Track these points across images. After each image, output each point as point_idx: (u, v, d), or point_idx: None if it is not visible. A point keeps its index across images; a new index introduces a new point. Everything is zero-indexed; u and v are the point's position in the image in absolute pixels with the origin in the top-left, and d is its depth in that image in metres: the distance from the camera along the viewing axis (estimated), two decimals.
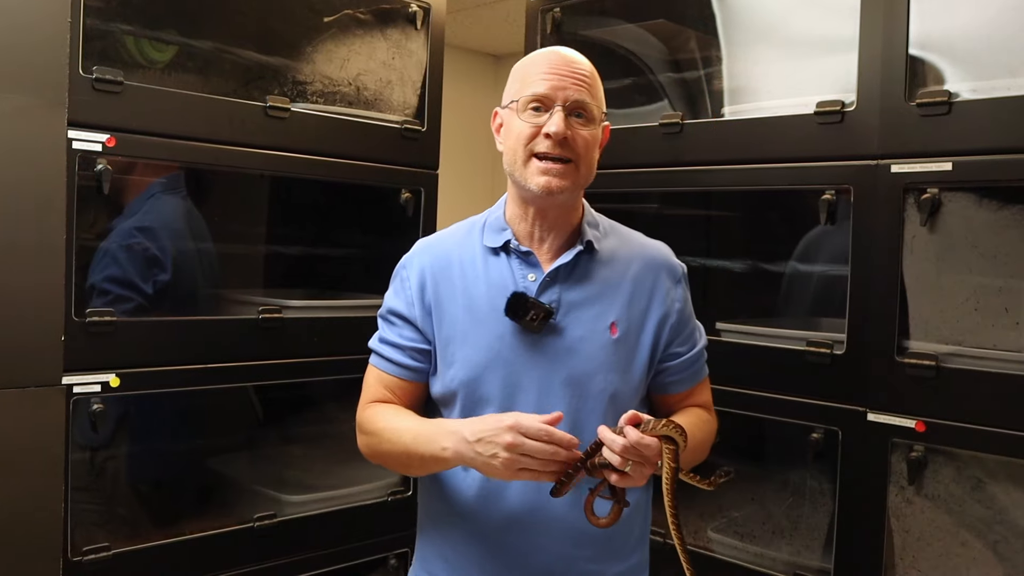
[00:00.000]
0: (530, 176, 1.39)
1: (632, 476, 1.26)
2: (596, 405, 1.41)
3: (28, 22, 1.65)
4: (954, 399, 1.65)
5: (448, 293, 1.46)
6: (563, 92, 1.38)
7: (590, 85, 1.42)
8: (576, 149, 1.39)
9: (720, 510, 2.17)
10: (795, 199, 2.13)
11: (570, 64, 1.41)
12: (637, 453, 1.24)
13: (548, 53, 1.44)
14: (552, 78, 1.39)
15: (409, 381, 1.48)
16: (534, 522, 1.40)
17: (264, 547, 2.07)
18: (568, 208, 1.47)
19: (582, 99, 1.39)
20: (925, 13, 1.71)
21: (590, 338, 1.42)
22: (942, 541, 1.72)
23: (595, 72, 1.45)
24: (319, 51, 2.28)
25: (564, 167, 1.39)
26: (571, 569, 1.42)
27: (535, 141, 1.39)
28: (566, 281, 1.44)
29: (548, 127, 1.37)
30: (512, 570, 1.42)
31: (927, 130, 1.68)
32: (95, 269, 1.97)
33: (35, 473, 1.68)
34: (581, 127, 1.40)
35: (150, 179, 2.11)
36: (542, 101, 1.39)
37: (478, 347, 1.42)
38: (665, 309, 1.48)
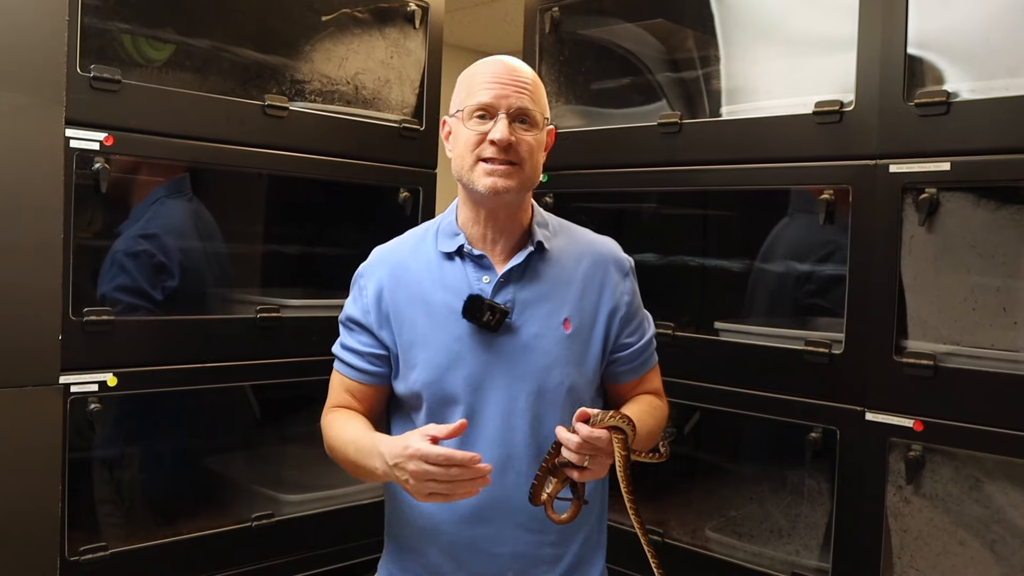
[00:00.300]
0: (477, 178, 1.47)
1: (592, 469, 1.37)
2: (555, 398, 1.50)
3: (26, 21, 1.64)
4: (952, 399, 1.65)
5: (406, 299, 1.53)
6: (506, 100, 1.46)
7: (532, 92, 1.49)
8: (520, 153, 1.47)
9: (718, 509, 2.17)
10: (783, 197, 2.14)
11: (512, 73, 1.49)
12: (591, 447, 1.34)
13: (491, 63, 1.52)
14: (495, 87, 1.46)
15: (368, 385, 1.57)
16: (500, 513, 1.48)
17: (262, 546, 2.06)
18: (516, 209, 1.54)
19: (524, 106, 1.47)
20: (924, 13, 1.71)
21: (545, 334, 1.50)
22: (940, 540, 1.72)
23: (538, 80, 1.53)
24: (317, 50, 2.27)
25: (509, 168, 1.46)
26: (536, 553, 1.52)
27: (481, 147, 1.47)
28: (519, 281, 1.52)
29: (493, 134, 1.45)
30: (481, 558, 1.50)
31: (925, 130, 1.68)
32: (104, 278, 1.98)
33: (32, 472, 1.68)
34: (524, 132, 1.48)
35: (156, 182, 2.11)
36: (486, 109, 1.47)
37: (438, 349, 1.49)
38: (615, 302, 1.57)
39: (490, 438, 1.48)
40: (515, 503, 1.47)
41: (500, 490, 1.46)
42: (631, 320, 1.60)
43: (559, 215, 2.32)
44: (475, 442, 1.47)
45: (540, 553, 1.52)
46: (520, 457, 1.48)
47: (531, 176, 1.50)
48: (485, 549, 1.50)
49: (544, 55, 2.43)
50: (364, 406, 1.58)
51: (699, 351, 2.06)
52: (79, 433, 1.83)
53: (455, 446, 1.43)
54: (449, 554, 1.51)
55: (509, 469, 1.48)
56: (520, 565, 1.51)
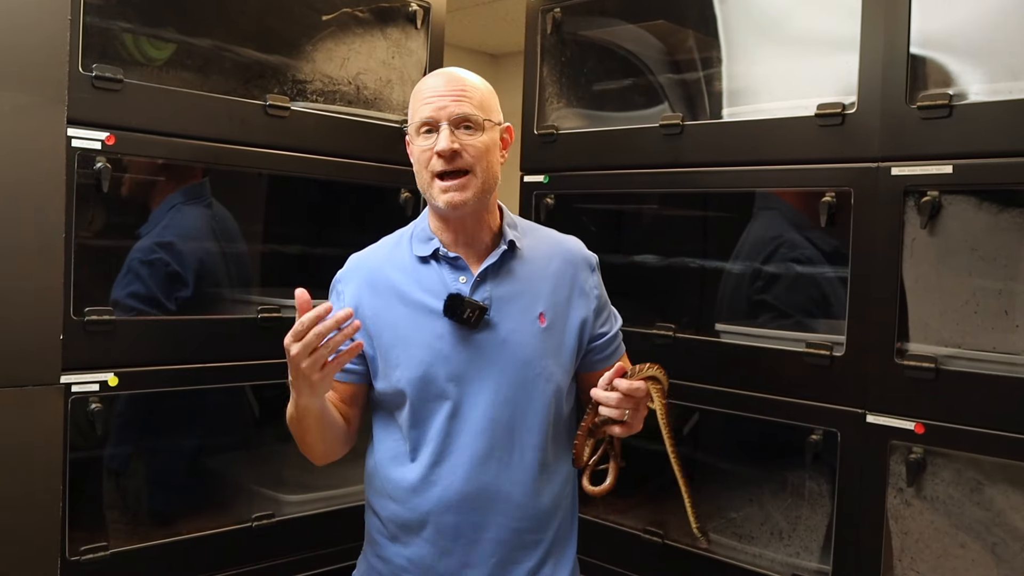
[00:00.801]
0: (436, 195, 1.54)
1: (630, 423, 1.48)
2: (534, 389, 1.57)
3: (28, 20, 1.64)
4: (953, 401, 1.65)
5: (385, 302, 1.59)
6: (445, 111, 1.52)
7: (470, 97, 1.55)
8: (467, 159, 1.53)
9: (719, 511, 2.17)
10: None
11: (449, 82, 1.55)
12: (631, 400, 1.45)
13: (431, 77, 1.59)
14: (433, 100, 1.53)
15: (348, 383, 1.63)
16: (485, 500, 1.55)
17: (262, 547, 2.06)
18: (482, 214, 1.61)
19: (464, 112, 1.53)
20: (927, 15, 1.71)
21: (522, 329, 1.58)
22: (941, 543, 1.72)
23: (479, 84, 1.59)
24: (319, 50, 2.27)
25: (462, 180, 1.53)
26: (520, 540, 1.58)
27: (432, 162, 1.53)
28: (495, 279, 1.59)
29: (437, 145, 1.52)
30: (466, 545, 1.56)
31: (928, 133, 1.68)
32: (119, 284, 1.99)
33: (33, 472, 1.68)
34: (469, 137, 1.53)
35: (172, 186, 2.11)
36: (429, 124, 1.54)
37: (420, 347, 1.55)
38: (586, 295, 1.66)
39: (474, 430, 1.55)
40: (500, 491, 1.55)
41: (485, 478, 1.55)
42: (601, 312, 1.70)
43: (560, 216, 2.35)
44: (460, 434, 1.55)
45: (523, 539, 1.58)
46: (503, 447, 1.56)
47: (486, 180, 1.56)
48: (469, 536, 1.56)
49: (545, 56, 2.42)
50: (345, 404, 1.64)
51: (700, 352, 2.06)
52: (80, 433, 1.83)
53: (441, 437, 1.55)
54: (434, 543, 1.56)
55: (492, 459, 1.55)
56: (503, 551, 1.57)
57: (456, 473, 1.55)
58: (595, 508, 2.27)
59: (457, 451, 1.55)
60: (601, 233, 2.58)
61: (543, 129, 2.37)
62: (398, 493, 1.59)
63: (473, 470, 1.54)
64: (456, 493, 1.54)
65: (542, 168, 2.37)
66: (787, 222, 2.11)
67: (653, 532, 2.11)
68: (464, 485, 1.54)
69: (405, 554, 1.59)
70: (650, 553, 2.10)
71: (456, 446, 1.55)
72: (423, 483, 1.56)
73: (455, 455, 1.55)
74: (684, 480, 1.59)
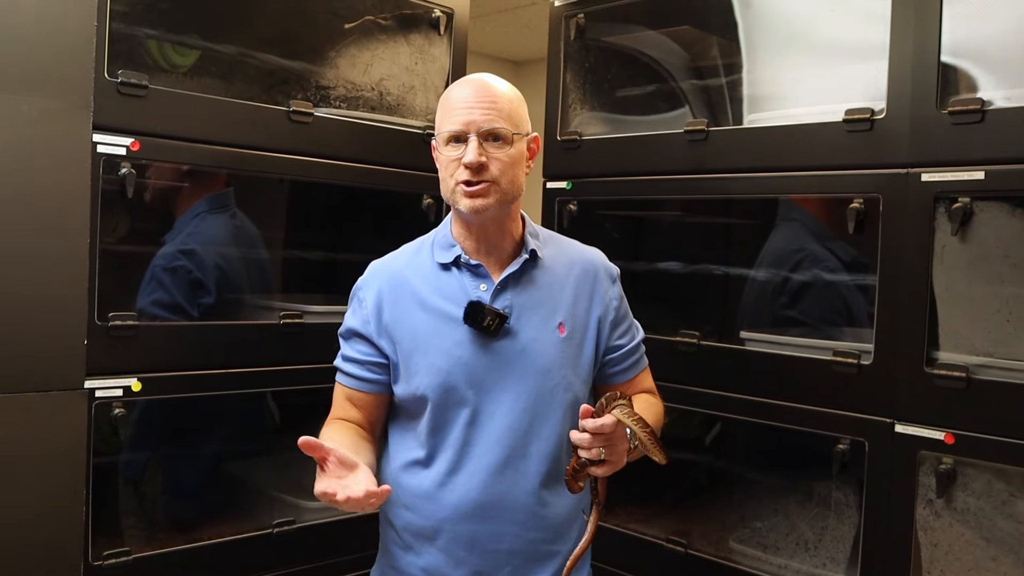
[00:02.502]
0: (459, 200, 1.55)
1: (612, 461, 1.42)
2: (552, 398, 1.57)
3: (55, 27, 1.65)
4: (985, 411, 1.63)
5: (406, 308, 1.59)
6: (474, 124, 1.52)
7: (500, 109, 1.54)
8: (493, 172, 1.53)
9: (742, 520, 2.14)
10: None
11: (479, 93, 1.55)
12: (602, 438, 1.39)
13: (461, 86, 1.58)
14: (463, 112, 1.53)
15: (369, 393, 1.63)
16: (500, 510, 1.54)
17: (283, 553, 2.06)
18: (505, 221, 1.61)
19: (493, 127, 1.53)
20: (957, 20, 1.69)
21: (541, 338, 1.58)
22: (971, 556, 1.69)
23: (509, 95, 1.58)
24: (342, 56, 2.28)
25: (486, 186, 1.53)
26: (535, 551, 1.57)
27: (458, 172, 1.54)
28: (515, 288, 1.59)
29: (464, 157, 1.52)
30: (480, 555, 1.55)
31: (959, 138, 1.66)
32: (143, 292, 2.00)
33: (57, 477, 1.68)
34: (496, 150, 1.54)
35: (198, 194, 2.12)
36: (457, 135, 1.54)
37: (440, 354, 1.55)
38: (604, 306, 1.66)
39: (492, 438, 1.55)
40: (515, 501, 1.55)
41: (501, 487, 1.54)
42: (620, 323, 1.68)
43: (583, 223, 2.33)
44: (477, 442, 1.55)
45: (537, 550, 1.57)
46: (520, 456, 1.55)
47: (509, 190, 1.56)
48: (484, 546, 1.55)
49: (569, 62, 2.42)
50: (364, 414, 1.64)
51: (724, 360, 2.04)
52: (103, 438, 1.83)
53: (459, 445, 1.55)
54: (448, 552, 1.56)
55: (509, 468, 1.55)
56: (518, 562, 1.56)
57: (472, 482, 1.54)
58: (617, 516, 2.26)
59: (474, 459, 1.55)
60: (624, 240, 2.57)
61: (566, 135, 2.36)
62: (413, 501, 1.58)
63: (489, 479, 1.54)
64: (472, 502, 1.54)
65: (565, 174, 2.36)
66: (809, 233, 2.09)
67: (676, 541, 2.08)
68: (480, 494, 1.53)
69: (419, 564, 1.58)
70: (673, 563, 2.08)
71: (473, 454, 1.55)
72: (439, 491, 1.55)
73: (472, 463, 1.55)
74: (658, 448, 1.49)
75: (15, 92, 1.60)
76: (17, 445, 1.63)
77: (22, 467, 1.63)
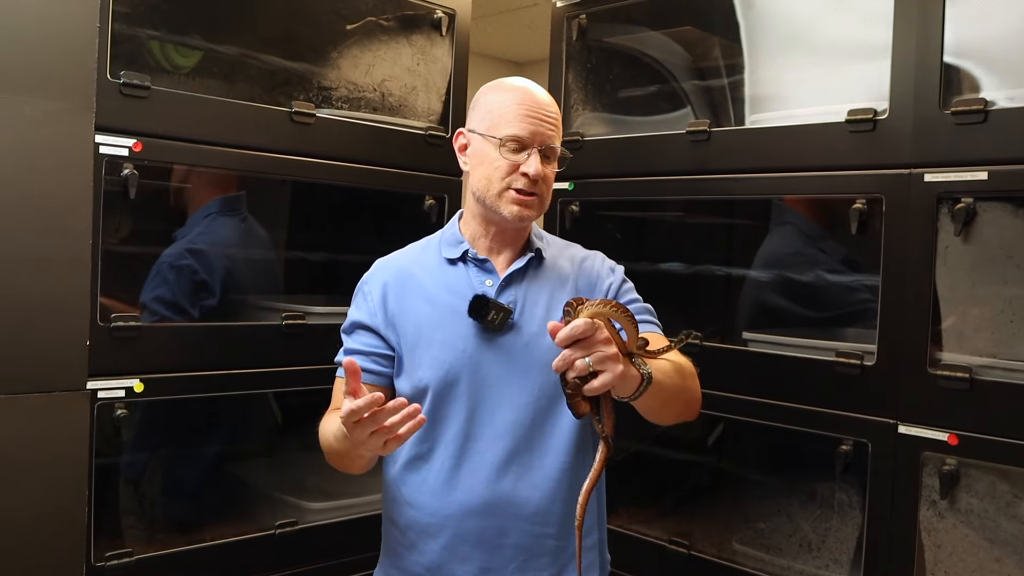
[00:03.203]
0: (504, 205, 1.56)
1: (605, 370, 1.29)
2: (556, 393, 1.53)
3: (57, 28, 1.65)
4: (988, 412, 1.62)
5: (411, 302, 1.61)
6: (539, 136, 1.56)
7: (557, 127, 1.60)
8: (544, 185, 1.58)
9: (746, 522, 2.14)
10: None
11: (544, 108, 1.58)
12: (581, 345, 1.28)
13: (524, 92, 1.59)
14: (531, 122, 1.55)
15: (373, 385, 1.59)
16: (505, 506, 1.54)
17: (286, 554, 2.06)
18: (525, 227, 1.65)
19: (553, 144, 1.58)
20: (960, 20, 1.68)
21: (544, 333, 1.50)
22: (975, 557, 1.68)
23: (560, 114, 1.63)
24: (344, 57, 2.28)
25: (534, 199, 1.57)
26: (541, 546, 1.56)
27: (512, 178, 1.55)
28: (520, 283, 1.61)
29: (527, 168, 1.54)
30: (486, 551, 1.55)
31: (962, 139, 1.65)
32: (147, 287, 2.00)
33: (59, 477, 1.68)
34: (547, 166, 1.58)
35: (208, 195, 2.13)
36: (520, 142, 1.55)
37: (444, 347, 1.56)
38: (604, 289, 1.66)
39: (495, 433, 1.55)
40: (521, 496, 1.54)
41: (507, 483, 1.54)
42: (621, 297, 1.67)
43: (586, 224, 2.33)
44: (480, 437, 1.55)
45: (543, 545, 1.56)
46: (525, 451, 1.55)
47: (547, 205, 1.63)
48: (490, 542, 1.55)
49: (571, 62, 2.41)
50: None
51: (726, 361, 2.03)
52: (105, 439, 1.83)
53: (462, 440, 1.55)
54: (452, 549, 1.55)
55: (514, 463, 1.55)
56: (524, 557, 1.56)
57: (477, 477, 1.54)
58: (619, 518, 2.26)
59: (477, 455, 1.55)
60: (626, 240, 2.56)
61: (568, 136, 2.36)
62: (417, 498, 1.58)
63: (494, 474, 1.54)
64: (478, 498, 1.53)
65: (567, 175, 2.35)
66: (803, 236, 2.09)
67: (679, 543, 2.08)
68: (486, 489, 1.53)
69: (423, 562, 1.58)
70: (675, 564, 2.08)
71: (476, 449, 1.55)
72: (444, 487, 1.55)
73: (475, 458, 1.55)
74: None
75: (17, 93, 1.60)
76: (19, 446, 1.63)
77: (24, 468, 1.63)
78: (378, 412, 1.27)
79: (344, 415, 1.27)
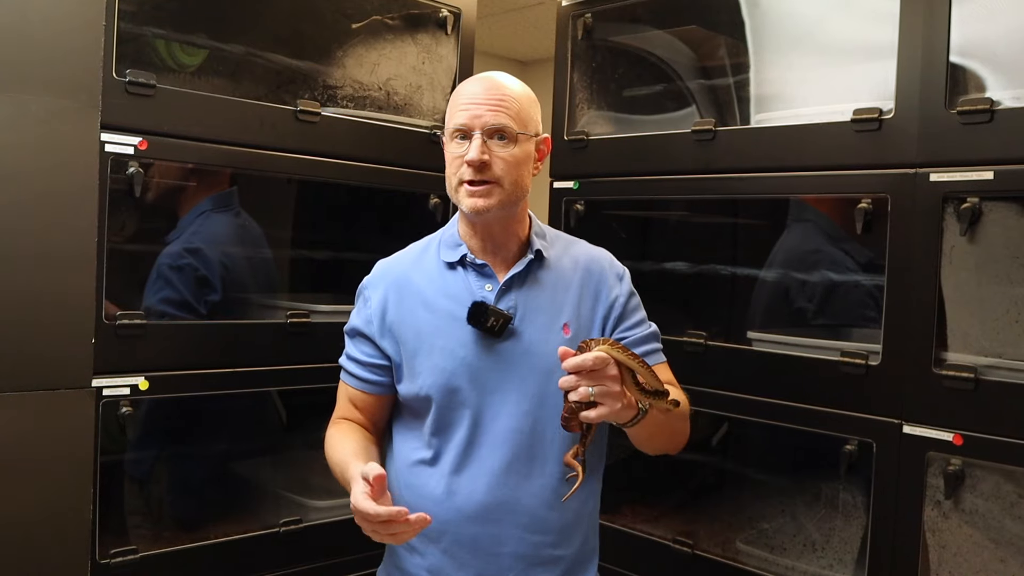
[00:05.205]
0: (461, 199, 1.53)
1: (604, 403, 1.33)
2: (556, 400, 1.48)
3: (63, 26, 1.66)
4: (993, 412, 1.62)
5: (410, 308, 1.58)
6: (479, 119, 1.50)
7: (508, 107, 1.52)
8: (495, 171, 1.51)
9: (750, 521, 2.14)
10: None
11: (489, 90, 1.52)
12: (588, 376, 1.32)
13: (471, 82, 1.56)
14: (470, 107, 1.51)
15: (370, 394, 1.63)
16: (504, 513, 1.52)
17: (290, 552, 2.06)
18: (510, 222, 1.59)
19: (500, 123, 1.50)
20: (967, 19, 1.68)
21: (546, 339, 1.55)
22: (980, 557, 1.68)
23: (519, 94, 1.55)
24: (349, 55, 2.28)
25: (487, 187, 1.51)
26: (538, 555, 1.55)
27: (461, 170, 1.52)
28: (520, 288, 1.58)
29: (468, 155, 1.50)
30: (483, 558, 1.53)
31: (968, 138, 1.65)
32: (150, 290, 2.00)
33: (65, 475, 1.68)
34: (500, 149, 1.51)
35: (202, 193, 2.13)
36: (463, 131, 1.52)
37: (444, 354, 1.54)
38: (609, 305, 1.61)
39: (496, 440, 1.53)
40: (520, 504, 1.53)
41: (506, 490, 1.52)
42: (627, 318, 1.63)
43: (590, 223, 2.33)
44: (481, 444, 1.54)
45: (541, 554, 1.55)
46: (525, 459, 1.53)
47: (512, 191, 1.54)
48: (487, 549, 1.54)
49: (576, 61, 2.41)
50: (366, 416, 1.65)
51: (731, 361, 2.03)
52: (110, 436, 1.84)
53: (463, 446, 1.53)
54: (451, 554, 1.55)
55: (514, 470, 1.53)
56: (521, 566, 1.54)
57: (477, 484, 1.53)
58: (623, 516, 2.26)
59: (478, 461, 1.54)
60: (631, 240, 2.56)
61: (573, 135, 2.36)
62: (418, 502, 1.56)
63: (493, 481, 1.52)
64: (476, 504, 1.52)
65: (572, 174, 2.35)
66: (824, 234, 2.08)
67: (683, 542, 2.08)
68: (484, 496, 1.52)
69: (423, 565, 1.57)
70: (680, 563, 2.07)
71: (477, 456, 1.54)
72: (443, 493, 1.54)
73: (475, 465, 1.54)
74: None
75: (24, 91, 1.61)
76: (24, 443, 1.63)
77: (29, 465, 1.64)
78: (389, 522, 1.31)
79: (355, 509, 1.32)
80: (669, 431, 1.56)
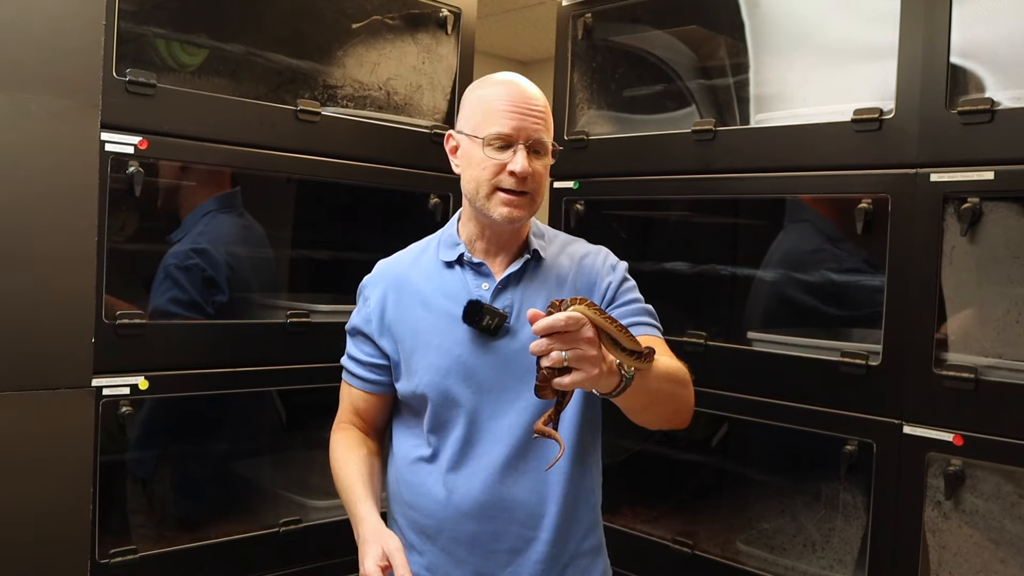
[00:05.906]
0: (493, 207, 1.51)
1: (578, 369, 1.21)
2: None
3: (63, 26, 1.66)
4: (994, 413, 1.62)
5: (408, 307, 1.59)
6: (525, 131, 1.49)
7: (546, 121, 1.54)
8: (535, 182, 1.52)
9: (750, 522, 2.14)
10: None
11: (529, 102, 1.51)
12: (560, 338, 1.20)
13: (507, 87, 1.53)
14: (514, 117, 1.49)
15: (371, 393, 1.64)
16: (501, 510, 1.53)
17: (290, 552, 2.06)
18: (521, 228, 1.60)
19: (541, 138, 1.51)
20: (967, 20, 1.68)
21: None
22: (980, 558, 1.68)
23: (548, 106, 1.57)
24: (350, 55, 2.28)
25: (524, 198, 1.52)
26: (533, 550, 1.54)
27: (499, 177, 1.50)
28: (516, 287, 1.58)
29: (514, 166, 1.48)
30: (480, 555, 1.54)
31: (968, 139, 1.65)
32: (157, 291, 2.00)
33: (64, 474, 1.68)
34: (537, 161, 1.52)
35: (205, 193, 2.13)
36: (505, 139, 1.49)
37: (440, 353, 1.54)
38: (603, 292, 1.60)
39: (492, 438, 1.54)
40: (517, 501, 1.53)
41: (503, 487, 1.53)
42: (619, 298, 1.59)
43: (591, 223, 2.33)
44: (478, 442, 1.54)
45: (535, 550, 1.55)
46: (521, 456, 1.53)
47: (540, 202, 1.57)
48: (485, 546, 1.54)
49: (576, 61, 2.41)
50: (369, 417, 1.67)
51: (731, 361, 2.03)
52: (110, 436, 1.84)
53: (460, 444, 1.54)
54: (448, 551, 1.55)
55: (511, 468, 1.53)
56: (518, 561, 1.54)
57: (474, 481, 1.53)
58: (623, 516, 2.26)
59: (475, 459, 1.54)
60: (631, 239, 2.56)
61: (573, 135, 2.36)
62: (417, 500, 1.58)
63: (491, 478, 1.52)
64: (473, 502, 1.52)
65: (572, 174, 2.35)
66: (822, 234, 2.08)
67: (682, 542, 2.08)
68: (482, 494, 1.52)
69: (422, 563, 1.58)
70: (679, 563, 2.07)
71: (474, 454, 1.54)
72: (441, 490, 1.54)
73: (473, 463, 1.54)
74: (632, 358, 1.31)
75: (24, 91, 1.61)
76: (24, 443, 1.63)
77: (29, 465, 1.64)
78: None
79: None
80: (667, 399, 1.45)
